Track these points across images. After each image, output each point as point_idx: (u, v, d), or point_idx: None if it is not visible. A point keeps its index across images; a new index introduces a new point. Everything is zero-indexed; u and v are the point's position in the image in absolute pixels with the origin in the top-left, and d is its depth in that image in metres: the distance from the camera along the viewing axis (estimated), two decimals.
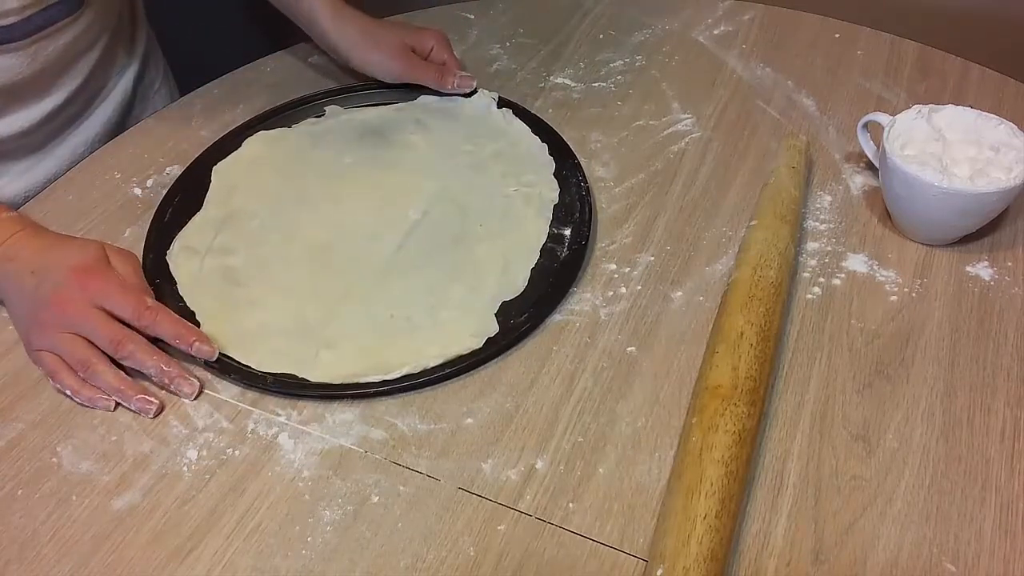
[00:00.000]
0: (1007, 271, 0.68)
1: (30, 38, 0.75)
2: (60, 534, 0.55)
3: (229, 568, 0.53)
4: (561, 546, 0.54)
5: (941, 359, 0.62)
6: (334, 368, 0.62)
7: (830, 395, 0.61)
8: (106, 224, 0.75)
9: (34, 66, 0.77)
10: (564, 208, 0.73)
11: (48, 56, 0.77)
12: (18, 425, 0.61)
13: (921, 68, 0.87)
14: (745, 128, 0.82)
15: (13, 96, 0.78)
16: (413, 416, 0.61)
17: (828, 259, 0.70)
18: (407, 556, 0.53)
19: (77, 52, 0.82)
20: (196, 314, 0.66)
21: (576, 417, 0.60)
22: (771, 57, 0.90)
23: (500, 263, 0.69)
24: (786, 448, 0.58)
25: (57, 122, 0.84)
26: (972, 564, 0.52)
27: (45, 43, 0.77)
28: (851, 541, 0.53)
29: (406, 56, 0.84)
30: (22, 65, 0.76)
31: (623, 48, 0.92)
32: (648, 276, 0.69)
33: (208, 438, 0.60)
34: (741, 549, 0.53)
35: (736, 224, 0.73)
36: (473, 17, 0.98)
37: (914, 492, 0.55)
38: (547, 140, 0.79)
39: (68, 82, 0.82)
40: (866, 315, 0.65)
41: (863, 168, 0.77)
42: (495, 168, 0.77)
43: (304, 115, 0.83)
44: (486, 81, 0.88)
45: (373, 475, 0.57)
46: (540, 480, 0.57)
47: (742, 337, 0.59)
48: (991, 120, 0.69)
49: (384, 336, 0.65)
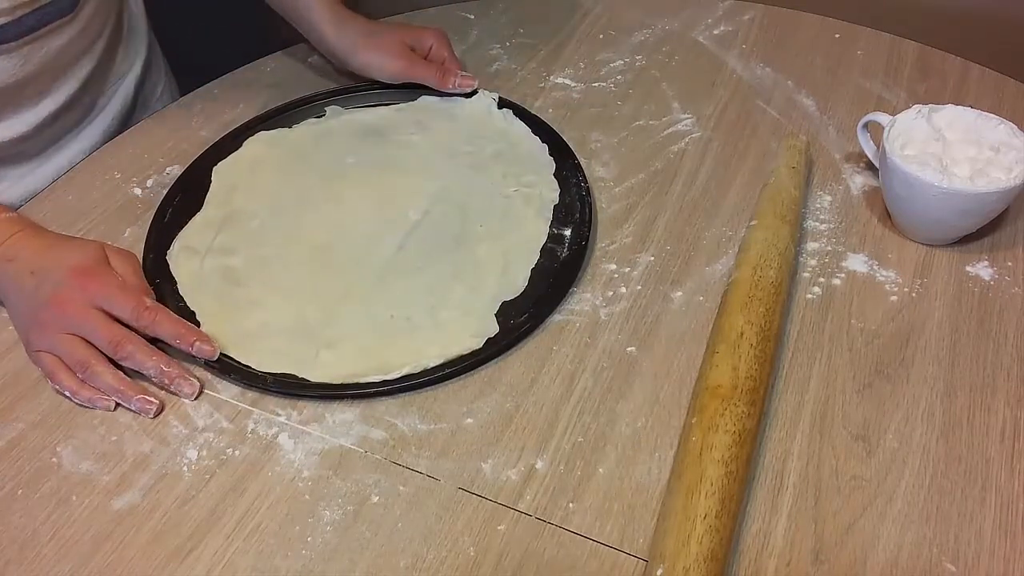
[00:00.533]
0: (1007, 271, 0.68)
1: (22, 39, 0.74)
2: (60, 534, 0.55)
3: (229, 568, 0.53)
4: (561, 546, 0.54)
5: (941, 359, 0.62)
6: (334, 368, 0.62)
7: (830, 395, 0.61)
8: (106, 224, 0.75)
9: (27, 68, 0.76)
10: (564, 208, 0.73)
11: (42, 59, 0.77)
12: (18, 425, 0.61)
13: (921, 68, 0.87)
14: (745, 128, 0.82)
15: (6, 100, 0.77)
16: (413, 416, 0.61)
17: (828, 259, 0.70)
18: (407, 556, 0.53)
19: (73, 56, 0.81)
20: (196, 314, 0.66)
21: (576, 417, 0.60)
22: (771, 57, 0.90)
23: (500, 263, 0.69)
24: (786, 448, 0.58)
25: (55, 128, 0.83)
26: (972, 564, 0.52)
27: (38, 45, 0.76)
28: (851, 541, 0.53)
29: (407, 55, 0.83)
30: (14, 67, 0.75)
31: (623, 48, 0.92)
32: (648, 276, 0.69)
33: (208, 438, 0.60)
34: (741, 549, 0.53)
35: (736, 224, 0.73)
36: (473, 17, 0.98)
37: (914, 492, 0.55)
38: (547, 140, 0.79)
39: (64, 87, 0.81)
40: (866, 315, 0.65)
41: (863, 168, 0.77)
42: (495, 169, 0.77)
43: (305, 115, 0.83)
44: (486, 81, 0.88)
45: (373, 475, 0.57)
46: (540, 480, 0.57)
47: (742, 337, 0.59)
48: (991, 120, 0.69)
49: (384, 336, 0.65)
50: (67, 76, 0.82)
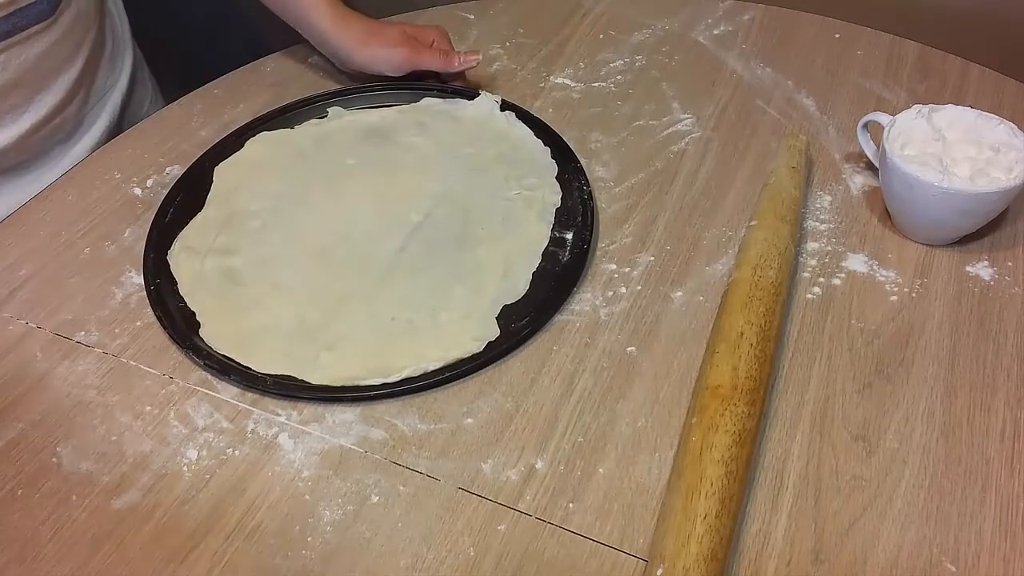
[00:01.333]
0: (1007, 271, 0.68)
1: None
2: (60, 534, 0.55)
3: (229, 568, 0.53)
4: (561, 546, 0.54)
5: (941, 359, 0.62)
6: (334, 370, 0.62)
7: (830, 395, 0.61)
8: (106, 224, 0.75)
9: (5, 76, 0.75)
10: (566, 212, 0.73)
11: (21, 66, 0.76)
12: (18, 425, 0.61)
13: (921, 68, 0.87)
14: (745, 128, 0.82)
15: None
16: (413, 416, 0.61)
17: (828, 259, 0.70)
18: (407, 556, 0.53)
19: (53, 66, 0.80)
20: (197, 314, 0.66)
21: (576, 417, 0.60)
22: (771, 57, 0.90)
23: (501, 266, 0.69)
24: (786, 448, 0.58)
25: (38, 142, 0.82)
26: (972, 564, 0.52)
27: (16, 51, 0.75)
28: (851, 541, 0.53)
29: (410, 43, 0.83)
30: None
31: (623, 48, 0.92)
32: (648, 276, 0.69)
33: (208, 438, 0.60)
34: (741, 549, 0.53)
35: (736, 224, 0.73)
36: (473, 17, 0.98)
37: (914, 492, 0.55)
38: (550, 143, 0.79)
39: (46, 99, 0.81)
40: (866, 315, 0.65)
41: (863, 168, 0.77)
42: (498, 171, 0.77)
43: (307, 116, 0.83)
44: (486, 81, 0.88)
45: (373, 475, 0.57)
46: (540, 480, 0.57)
47: (742, 337, 0.59)
48: (991, 120, 0.69)
49: (385, 338, 0.65)
50: (48, 88, 0.81)
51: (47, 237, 0.74)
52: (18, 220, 0.76)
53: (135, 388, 0.63)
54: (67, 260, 0.72)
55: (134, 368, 0.64)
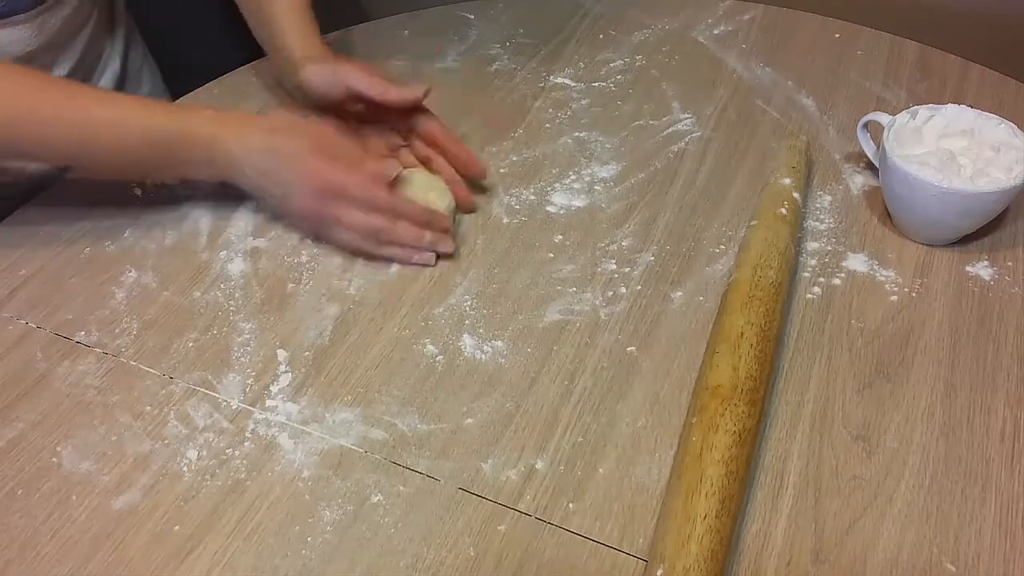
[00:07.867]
0: (1007, 271, 0.68)
1: (35, 9, 0.76)
2: (60, 534, 0.55)
3: (229, 568, 0.53)
4: (561, 546, 0.54)
5: (941, 359, 0.62)
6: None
7: (830, 395, 0.61)
8: (106, 224, 0.75)
9: (41, 39, 0.78)
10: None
11: (52, 28, 0.78)
12: (18, 425, 0.61)
13: (921, 68, 0.87)
14: (745, 128, 0.82)
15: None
16: (413, 416, 0.60)
17: (828, 259, 0.70)
18: (407, 556, 0.53)
19: (76, 26, 0.82)
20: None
21: (576, 417, 0.60)
22: (771, 57, 0.90)
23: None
24: (786, 448, 0.58)
25: None
26: (972, 564, 0.52)
27: (48, 15, 0.78)
28: (851, 541, 0.53)
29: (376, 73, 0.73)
30: (31, 38, 0.77)
31: (623, 48, 0.92)
32: (648, 276, 0.69)
33: (208, 438, 0.60)
34: (741, 549, 0.53)
35: (736, 224, 0.73)
36: (473, 17, 0.98)
37: (914, 492, 0.55)
38: None
39: (68, 57, 0.83)
40: (866, 315, 0.65)
41: (863, 168, 0.77)
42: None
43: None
44: (486, 81, 0.88)
45: (373, 475, 0.57)
46: (540, 480, 0.57)
47: (742, 337, 0.59)
48: (991, 120, 0.69)
49: None
50: (71, 47, 0.83)
51: (47, 237, 0.74)
52: (18, 220, 0.76)
53: (135, 388, 0.63)
54: (67, 260, 0.72)
55: (134, 368, 0.64)
